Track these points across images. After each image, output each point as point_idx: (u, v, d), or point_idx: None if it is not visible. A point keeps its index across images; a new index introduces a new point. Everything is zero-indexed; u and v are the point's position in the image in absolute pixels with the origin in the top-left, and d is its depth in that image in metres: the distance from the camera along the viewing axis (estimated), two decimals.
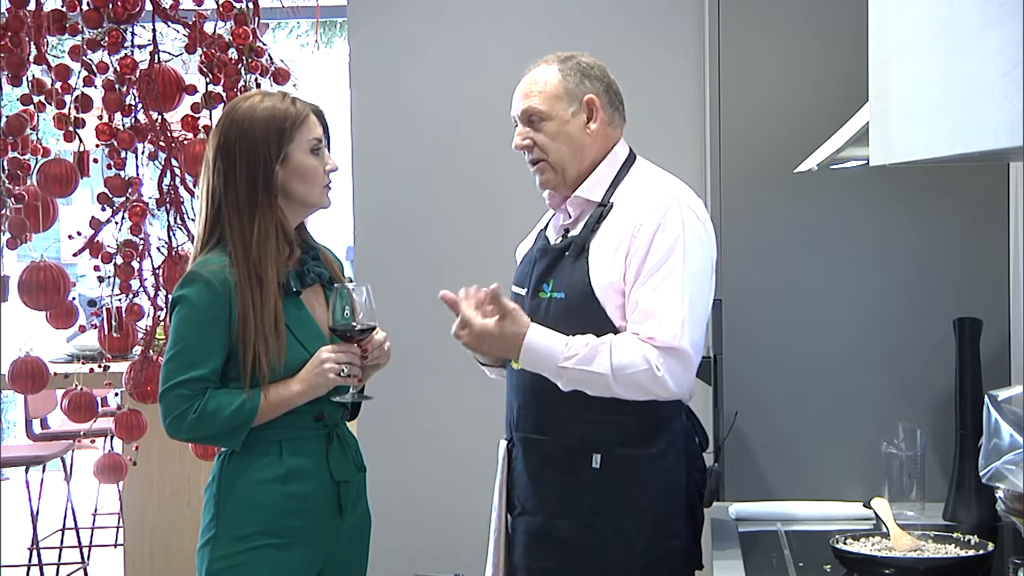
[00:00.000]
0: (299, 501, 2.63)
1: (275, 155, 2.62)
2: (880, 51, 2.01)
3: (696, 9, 3.63)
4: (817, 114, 2.98)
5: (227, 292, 2.58)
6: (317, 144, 2.67)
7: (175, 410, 2.58)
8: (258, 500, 2.61)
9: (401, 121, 3.87)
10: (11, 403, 9.01)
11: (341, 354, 2.61)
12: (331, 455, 2.68)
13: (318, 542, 2.66)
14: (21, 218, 3.62)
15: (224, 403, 2.56)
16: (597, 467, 2.54)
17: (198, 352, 2.58)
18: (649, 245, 2.51)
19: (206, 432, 2.61)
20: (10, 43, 3.57)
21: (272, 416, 2.60)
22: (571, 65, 2.67)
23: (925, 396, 2.98)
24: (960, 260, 3.03)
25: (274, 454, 2.63)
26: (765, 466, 3.07)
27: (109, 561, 5.94)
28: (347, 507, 2.70)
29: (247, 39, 3.56)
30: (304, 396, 2.61)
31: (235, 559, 2.60)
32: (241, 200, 2.62)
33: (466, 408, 3.82)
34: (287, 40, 9.42)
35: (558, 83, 2.65)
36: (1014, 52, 1.30)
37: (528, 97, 2.67)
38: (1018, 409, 2.46)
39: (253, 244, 2.60)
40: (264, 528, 2.60)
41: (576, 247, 2.60)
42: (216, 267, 2.60)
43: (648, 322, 2.48)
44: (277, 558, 2.61)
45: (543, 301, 2.61)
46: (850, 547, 2.37)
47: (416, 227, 3.90)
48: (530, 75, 2.70)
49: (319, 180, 2.68)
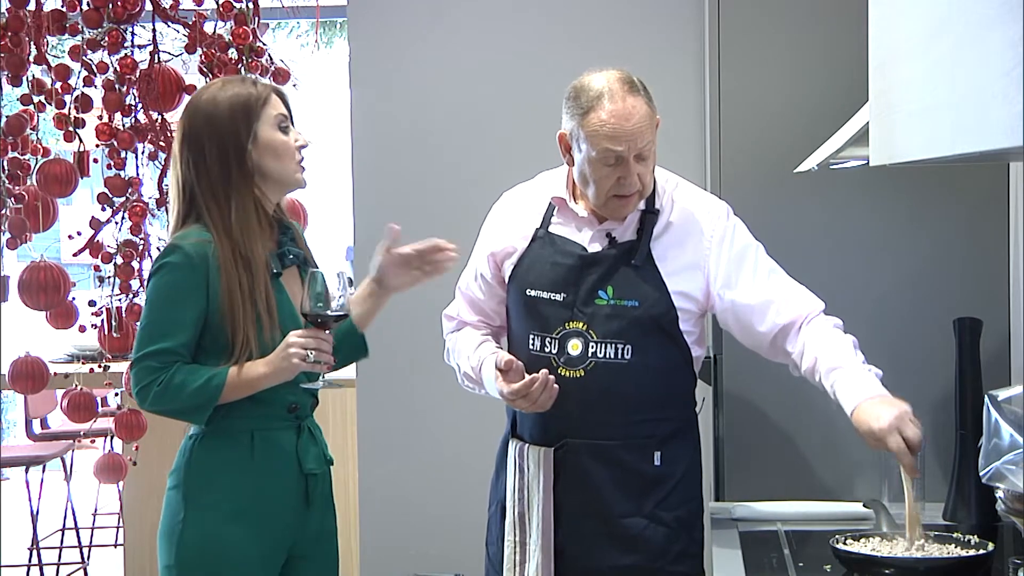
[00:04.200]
0: (267, 489, 2.63)
1: (245, 135, 2.62)
2: (880, 51, 2.01)
3: (696, 9, 3.63)
4: (817, 114, 2.98)
5: (204, 265, 2.57)
6: (283, 120, 2.68)
7: (142, 380, 2.58)
8: (227, 484, 2.62)
9: (401, 121, 3.87)
10: (11, 403, 9.01)
11: (309, 339, 2.58)
12: (300, 447, 2.69)
13: (285, 531, 2.67)
14: (21, 218, 3.62)
15: (190, 379, 2.56)
16: (658, 464, 2.64)
17: (169, 324, 2.57)
18: (733, 252, 2.65)
19: (170, 406, 2.60)
20: (10, 43, 3.57)
21: (237, 396, 2.58)
22: (644, 89, 2.59)
23: (925, 396, 2.98)
24: (960, 260, 3.03)
25: (244, 443, 2.63)
26: (765, 466, 3.07)
27: (109, 561, 5.94)
28: (315, 500, 2.71)
29: (247, 39, 3.56)
30: (270, 379, 2.59)
31: (205, 541, 2.60)
32: (215, 183, 2.61)
33: (466, 408, 3.81)
34: (287, 40, 9.42)
35: (650, 113, 2.58)
36: (1014, 52, 1.30)
37: (642, 133, 2.54)
38: (1018, 409, 2.46)
39: (234, 224, 2.60)
40: (234, 512, 2.61)
41: (642, 256, 2.62)
42: (196, 240, 2.60)
43: (795, 303, 2.63)
44: (245, 541, 2.61)
45: (603, 308, 2.61)
46: (850, 547, 2.37)
47: (416, 227, 3.89)
48: (624, 109, 2.54)
49: (291, 155, 2.67)
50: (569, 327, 2.63)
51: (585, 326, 2.62)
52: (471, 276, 2.85)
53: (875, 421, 2.36)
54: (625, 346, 2.61)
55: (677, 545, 2.66)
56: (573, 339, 2.63)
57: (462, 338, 2.84)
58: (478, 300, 2.84)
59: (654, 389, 2.65)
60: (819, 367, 2.53)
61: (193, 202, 2.64)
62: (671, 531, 2.65)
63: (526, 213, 2.77)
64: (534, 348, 2.67)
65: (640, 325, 2.61)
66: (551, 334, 2.65)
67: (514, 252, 2.75)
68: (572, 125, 2.58)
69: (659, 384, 2.66)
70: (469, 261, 2.86)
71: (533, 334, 2.67)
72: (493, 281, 2.80)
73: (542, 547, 2.66)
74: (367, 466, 3.92)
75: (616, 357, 2.61)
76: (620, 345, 2.61)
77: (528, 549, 2.69)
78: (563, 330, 2.64)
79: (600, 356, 2.61)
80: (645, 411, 2.64)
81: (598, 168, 2.56)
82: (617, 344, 2.61)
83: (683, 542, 2.66)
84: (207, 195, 2.62)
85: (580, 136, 2.56)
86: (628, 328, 2.60)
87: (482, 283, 2.81)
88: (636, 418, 2.64)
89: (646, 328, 2.61)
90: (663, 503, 2.65)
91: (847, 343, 2.56)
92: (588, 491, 2.65)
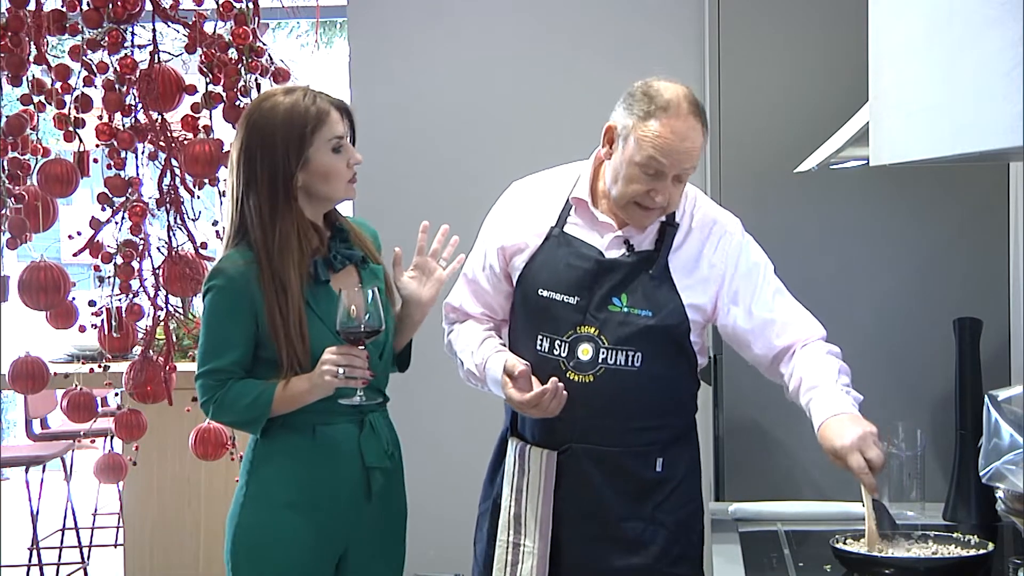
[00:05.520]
0: (325, 480, 2.68)
1: (295, 161, 2.64)
2: (880, 51, 2.01)
3: (696, 9, 3.63)
4: (817, 114, 2.98)
5: (247, 286, 2.64)
6: (339, 142, 2.68)
7: (202, 397, 2.70)
8: (287, 471, 2.68)
9: (401, 121, 3.87)
10: (11, 403, 9.01)
11: (340, 356, 2.61)
12: (363, 441, 2.72)
13: (342, 524, 2.70)
14: (21, 218, 3.62)
15: (241, 396, 2.65)
16: (660, 470, 2.65)
17: (220, 344, 2.67)
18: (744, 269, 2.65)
19: (226, 419, 2.77)
20: (10, 43, 3.56)
21: (288, 410, 2.66)
22: (704, 115, 2.59)
23: (925, 396, 2.98)
24: (960, 260, 3.04)
25: (307, 435, 2.68)
26: (765, 466, 3.08)
27: (109, 561, 5.94)
28: (376, 494, 2.73)
29: (247, 39, 3.55)
30: (311, 395, 2.64)
31: (261, 525, 2.67)
32: (262, 203, 2.65)
33: (467, 409, 3.81)
34: (287, 40, 9.43)
35: (703, 141, 2.59)
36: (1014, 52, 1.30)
37: (690, 157, 2.54)
38: (1018, 409, 2.46)
39: (275, 249, 2.64)
40: (291, 499, 2.67)
41: (660, 267, 2.63)
42: (240, 262, 2.66)
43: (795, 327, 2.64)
44: (301, 528, 2.66)
45: (616, 315, 2.61)
46: (850, 547, 2.37)
47: (416, 227, 3.90)
48: (684, 129, 2.53)
49: (342, 177, 2.70)
50: (581, 331, 2.62)
51: (597, 331, 2.61)
52: (478, 264, 2.80)
53: (838, 439, 2.36)
54: (636, 354, 2.60)
55: (677, 547, 2.66)
56: (584, 344, 2.62)
57: (464, 331, 2.80)
58: (484, 292, 2.80)
59: (659, 397, 2.65)
60: (801, 386, 2.55)
61: (243, 215, 2.69)
62: (671, 533, 2.65)
63: (540, 208, 2.73)
64: (542, 349, 2.65)
65: (651, 335, 2.60)
66: (561, 336, 2.63)
67: (526, 248, 2.71)
68: (628, 122, 2.56)
69: (664, 393, 2.66)
70: (475, 248, 2.83)
71: (542, 335, 2.65)
72: (501, 275, 2.77)
73: (539, 550, 2.66)
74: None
75: (626, 364, 2.60)
76: (631, 352, 2.60)
77: (522, 551, 2.69)
78: (574, 334, 2.62)
79: (611, 363, 2.60)
80: (649, 419, 2.65)
81: (635, 173, 2.55)
82: (628, 351, 2.60)
83: (682, 544, 2.67)
84: (254, 213, 2.66)
85: (631, 135, 2.55)
86: (639, 337, 2.60)
87: (490, 275, 2.78)
88: (640, 425, 2.64)
89: (657, 339, 2.61)
90: (662, 506, 2.65)
91: (833, 366, 2.56)
92: (588, 495, 2.65)
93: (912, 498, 2.79)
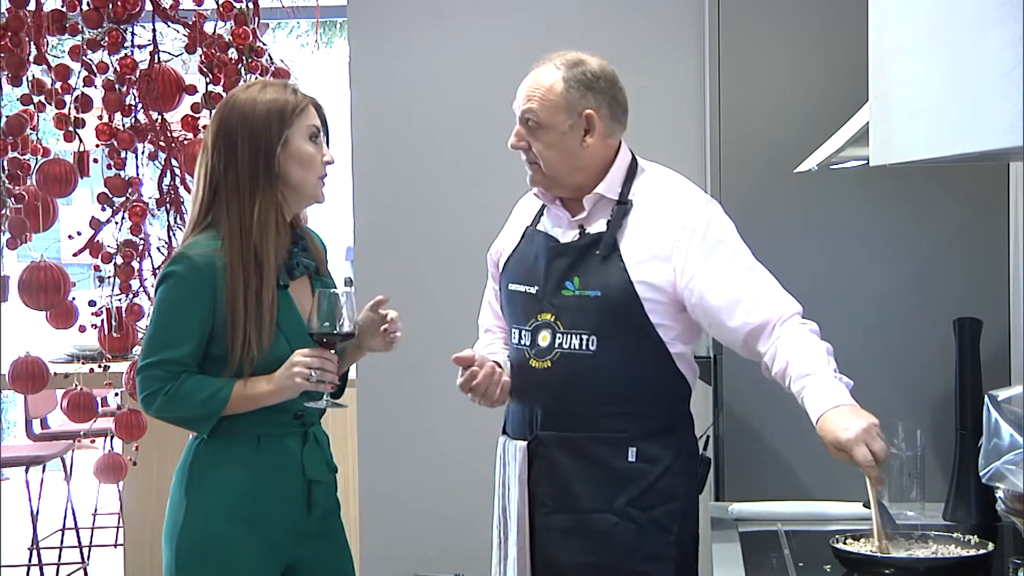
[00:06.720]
0: (269, 492, 2.64)
1: (276, 137, 2.62)
2: (880, 51, 2.01)
3: (696, 9, 3.63)
4: (817, 114, 2.98)
5: (212, 276, 2.58)
6: (316, 132, 2.68)
7: (149, 388, 2.60)
8: (230, 484, 2.62)
9: (401, 121, 3.87)
10: (11, 403, 9.01)
11: (313, 359, 2.59)
12: (305, 453, 2.69)
13: (286, 537, 2.66)
14: (21, 218, 3.62)
15: (196, 389, 2.58)
16: (633, 460, 2.62)
17: (175, 333, 2.59)
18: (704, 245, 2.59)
19: (175, 414, 2.62)
20: (10, 43, 3.57)
21: (242, 410, 2.60)
22: (577, 74, 2.64)
23: (925, 396, 2.98)
24: (960, 260, 3.03)
25: (251, 445, 2.64)
26: (765, 466, 3.07)
27: (109, 561, 5.94)
28: (316, 506, 2.71)
29: (247, 39, 3.56)
30: (274, 396, 2.60)
31: (206, 538, 2.61)
32: (242, 181, 2.62)
33: (465, 408, 3.81)
34: (287, 40, 9.43)
35: (560, 93, 2.63)
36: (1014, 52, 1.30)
37: (529, 100, 2.67)
38: (1018, 409, 2.46)
39: (254, 224, 2.60)
40: (234, 511, 2.61)
41: (607, 245, 2.62)
42: (205, 250, 2.60)
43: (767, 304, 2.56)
44: (244, 541, 2.61)
45: (569, 299, 2.62)
46: (850, 547, 2.37)
47: (416, 227, 3.90)
48: (534, 75, 2.68)
49: (316, 169, 2.68)
50: (540, 319, 2.66)
51: (553, 317, 2.64)
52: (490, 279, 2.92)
53: (842, 432, 2.32)
54: (590, 337, 2.61)
55: (648, 546, 2.62)
56: (543, 331, 2.66)
57: (477, 346, 2.87)
58: (492, 303, 2.90)
59: (623, 382, 2.63)
60: (789, 371, 2.48)
61: (216, 195, 2.64)
62: (642, 530, 2.61)
63: (525, 213, 2.84)
64: (515, 341, 2.72)
65: (603, 315, 2.60)
66: (525, 326, 2.68)
67: (505, 251, 2.81)
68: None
69: (627, 377, 2.63)
70: None
71: (515, 327, 2.73)
72: (494, 281, 2.87)
73: (518, 543, 2.67)
74: (367, 466, 3.92)
75: (581, 348, 2.61)
76: (585, 336, 2.61)
77: (508, 545, 2.71)
78: (535, 322, 2.67)
79: (566, 347, 2.62)
80: (614, 404, 2.62)
81: None
82: (582, 335, 2.61)
83: (656, 543, 2.62)
84: (232, 190, 2.62)
85: None
86: (592, 318, 2.60)
87: (492, 284, 2.90)
88: (604, 411, 2.63)
89: (609, 318, 2.60)
90: (636, 501, 2.62)
91: (820, 349, 2.50)
92: (558, 484, 2.65)
93: (912, 498, 2.79)
